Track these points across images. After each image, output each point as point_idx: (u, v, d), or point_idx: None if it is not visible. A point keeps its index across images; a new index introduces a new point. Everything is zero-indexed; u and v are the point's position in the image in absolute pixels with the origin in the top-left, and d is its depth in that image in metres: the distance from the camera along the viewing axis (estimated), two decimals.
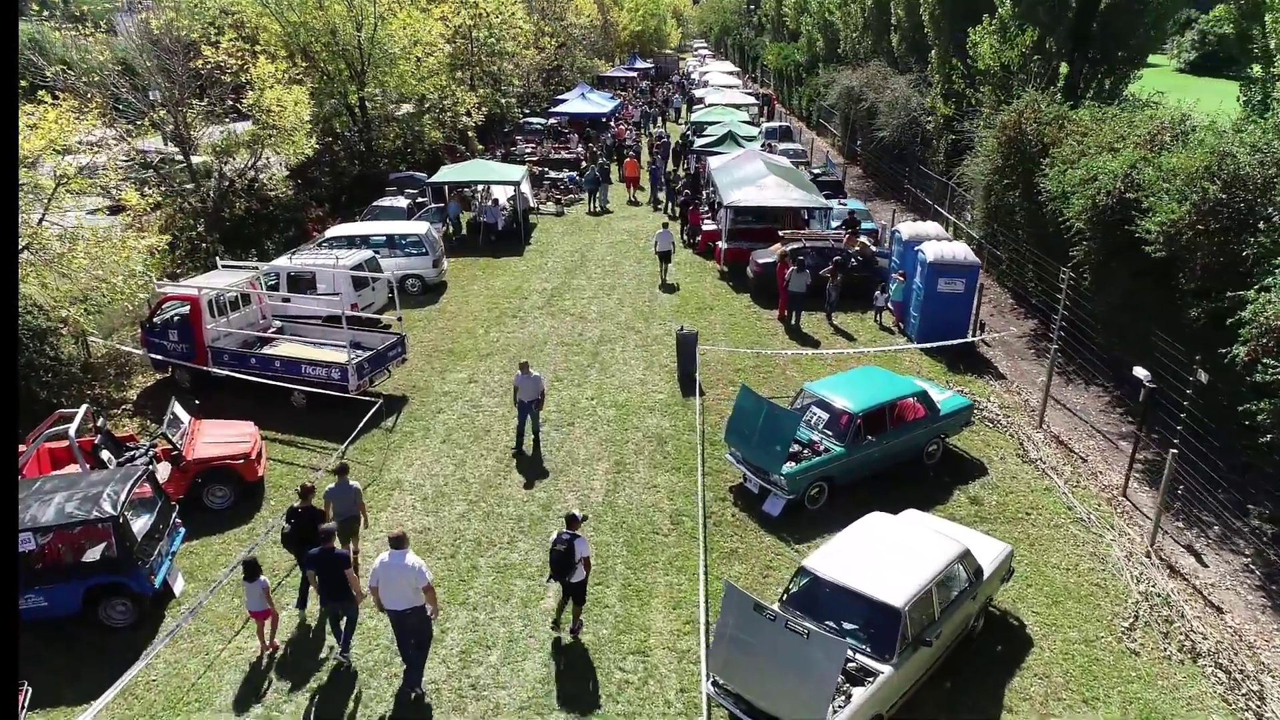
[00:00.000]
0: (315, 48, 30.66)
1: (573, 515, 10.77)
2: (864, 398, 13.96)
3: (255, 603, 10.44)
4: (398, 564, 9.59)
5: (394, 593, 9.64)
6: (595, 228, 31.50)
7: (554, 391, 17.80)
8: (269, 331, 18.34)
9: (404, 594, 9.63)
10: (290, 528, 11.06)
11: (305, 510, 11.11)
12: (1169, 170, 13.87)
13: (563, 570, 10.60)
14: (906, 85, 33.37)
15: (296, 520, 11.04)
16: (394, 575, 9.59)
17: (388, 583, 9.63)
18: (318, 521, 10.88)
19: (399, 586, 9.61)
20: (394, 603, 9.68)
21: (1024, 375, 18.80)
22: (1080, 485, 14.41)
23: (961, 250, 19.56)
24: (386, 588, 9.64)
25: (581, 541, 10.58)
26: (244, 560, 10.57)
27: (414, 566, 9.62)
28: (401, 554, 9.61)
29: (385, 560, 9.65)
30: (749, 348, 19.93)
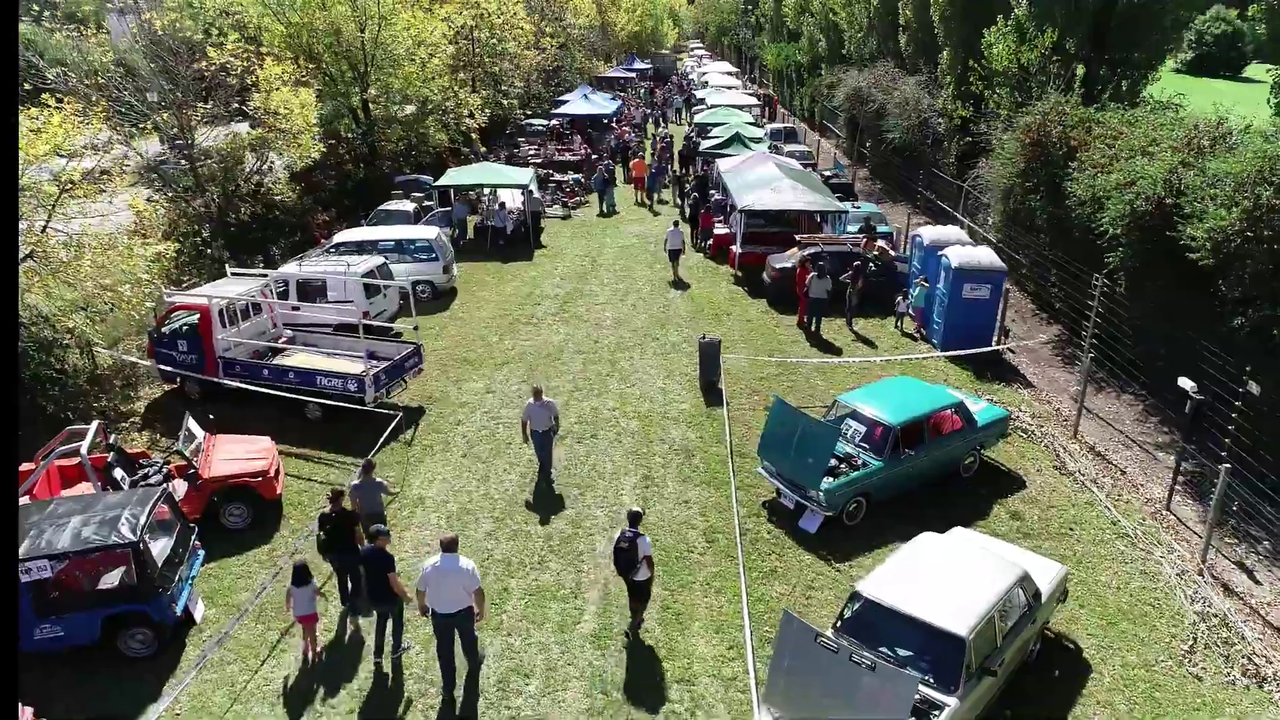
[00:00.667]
0: (318, 49, 30.15)
1: (635, 512, 10.80)
2: (901, 410, 13.56)
3: (304, 607, 10.39)
4: (450, 567, 9.66)
5: (445, 595, 9.70)
6: (604, 231, 31.05)
7: (574, 402, 17.37)
8: (280, 341, 17.85)
9: (456, 596, 9.72)
10: (326, 535, 11.01)
11: (337, 514, 11.03)
12: (1215, 175, 13.51)
13: (627, 568, 10.64)
14: (916, 86, 32.99)
15: (331, 526, 10.98)
16: (446, 578, 9.66)
17: (439, 586, 9.68)
18: (351, 525, 11.03)
19: (451, 589, 9.69)
20: (444, 605, 9.73)
21: (1053, 383, 18.43)
22: (1122, 499, 14.03)
23: (987, 256, 19.20)
24: (437, 591, 9.69)
25: (644, 540, 10.60)
26: (295, 565, 10.46)
27: (467, 569, 9.75)
28: (454, 557, 9.71)
29: (437, 564, 9.69)
30: (770, 355, 19.51)
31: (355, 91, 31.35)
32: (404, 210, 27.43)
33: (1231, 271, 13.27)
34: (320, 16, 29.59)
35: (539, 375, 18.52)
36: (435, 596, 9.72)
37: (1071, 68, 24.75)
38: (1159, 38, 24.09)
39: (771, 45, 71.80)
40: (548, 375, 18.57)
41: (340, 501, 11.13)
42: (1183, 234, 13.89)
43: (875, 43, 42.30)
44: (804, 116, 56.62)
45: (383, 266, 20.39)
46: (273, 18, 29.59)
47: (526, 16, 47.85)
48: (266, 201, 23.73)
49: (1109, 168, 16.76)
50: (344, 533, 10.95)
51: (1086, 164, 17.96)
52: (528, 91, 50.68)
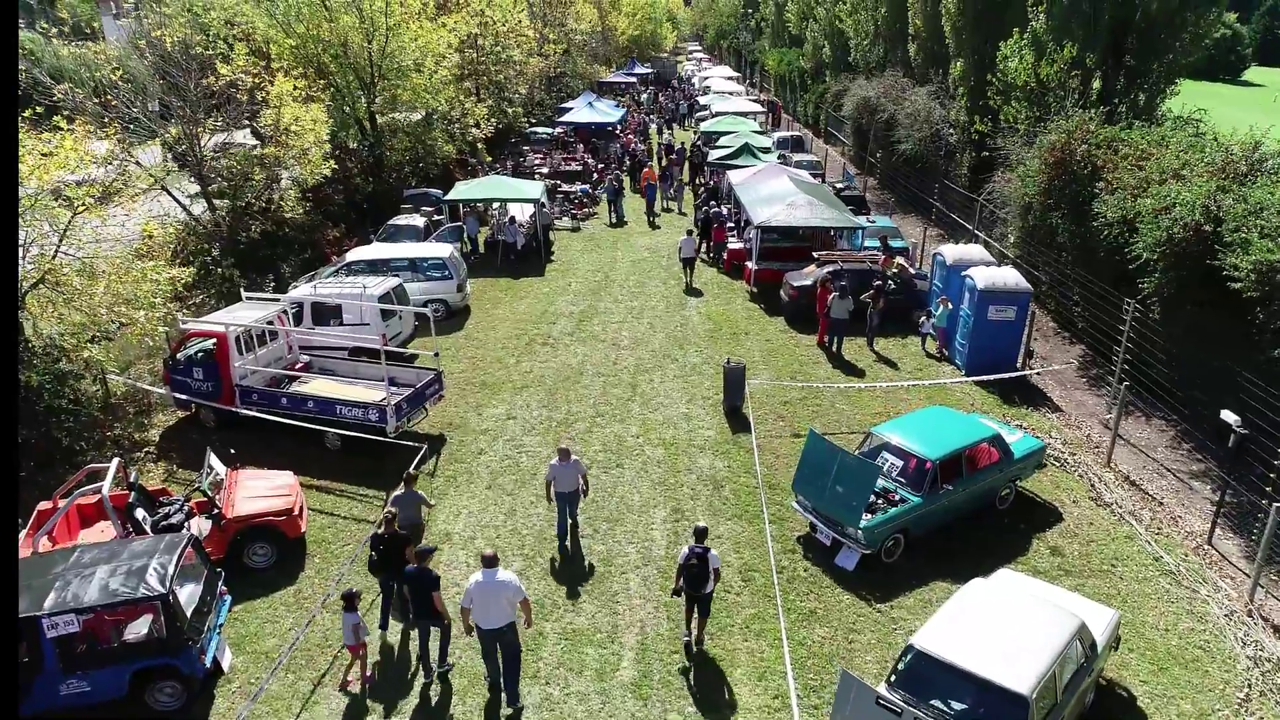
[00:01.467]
0: (325, 60, 29.79)
1: (701, 528, 10.99)
2: (939, 443, 13.28)
3: (350, 636, 10.46)
4: (492, 582, 9.81)
5: (491, 611, 9.84)
6: (614, 244, 30.76)
7: (596, 428, 17.08)
8: (297, 367, 17.51)
9: (501, 611, 9.87)
10: (378, 555, 11.11)
11: (390, 536, 11.12)
12: (1259, 204, 13.27)
13: (698, 585, 10.78)
14: (928, 97, 32.77)
15: (384, 547, 11.07)
16: (491, 593, 9.79)
17: (484, 602, 9.81)
18: (402, 546, 11.06)
19: (496, 604, 9.83)
20: (491, 621, 9.87)
21: (1081, 406, 18.19)
22: (1162, 532, 13.78)
23: (1013, 277, 18.94)
24: (483, 607, 9.82)
25: (713, 554, 10.80)
26: (344, 594, 10.58)
27: (510, 583, 9.91)
28: (494, 572, 9.85)
29: (480, 580, 9.83)
30: (792, 378, 19.25)
31: (362, 102, 31.02)
32: (414, 225, 27.09)
33: (1274, 302, 13.01)
34: (327, 28, 29.25)
35: (561, 399, 18.26)
36: (481, 613, 9.87)
37: (1089, 82, 24.57)
38: (1178, 50, 23.87)
39: (773, 50, 71.60)
40: (568, 399, 18.28)
41: (393, 523, 11.26)
42: (1224, 263, 13.65)
43: (882, 51, 42.11)
44: (808, 123, 56.42)
45: (399, 288, 20.04)
46: (280, 29, 29.24)
47: (530, 23, 47.54)
48: (276, 218, 23.33)
49: (1141, 190, 16.50)
50: (396, 553, 11.03)
51: (1115, 185, 17.72)
52: (531, 99, 50.36)
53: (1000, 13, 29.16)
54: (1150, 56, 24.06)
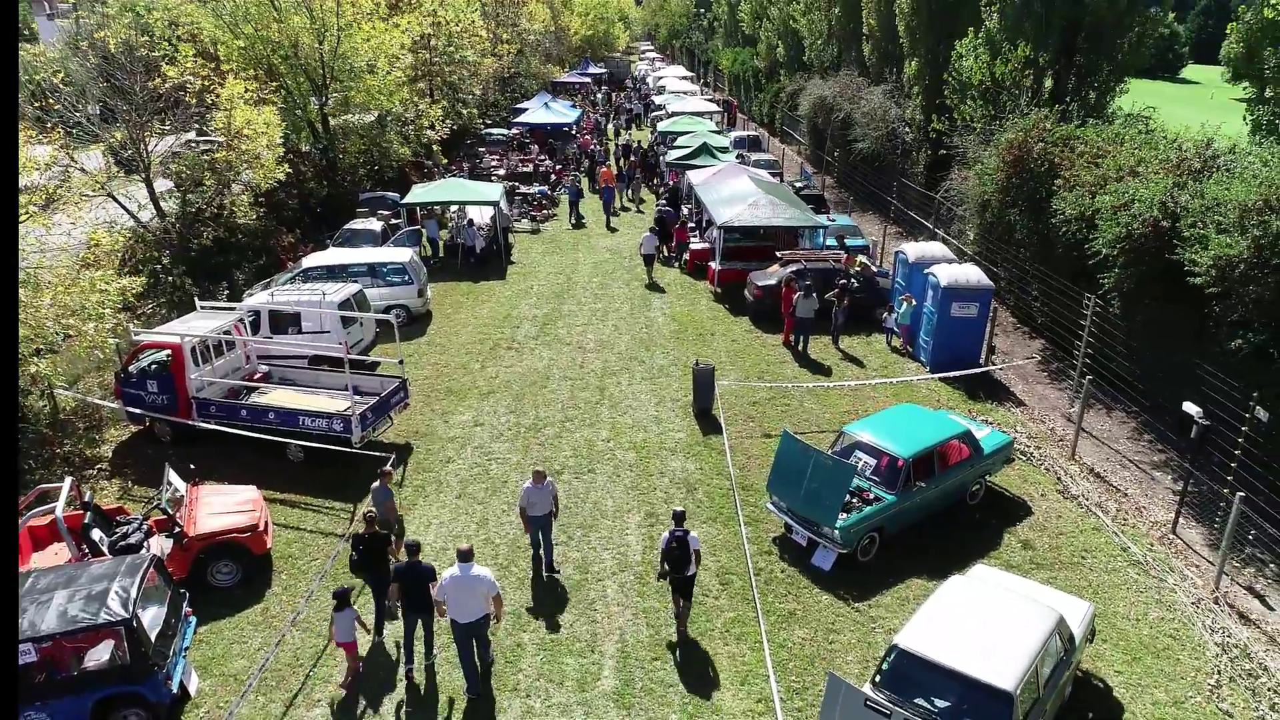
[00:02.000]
0: (275, 61, 29.11)
1: (679, 511, 11.31)
2: (911, 441, 13.36)
3: (345, 634, 10.49)
4: (467, 576, 10.05)
5: (466, 604, 10.09)
6: (575, 246, 30.55)
7: (566, 433, 16.89)
8: (255, 377, 17.03)
9: (475, 604, 10.13)
10: (358, 555, 11.22)
11: (371, 536, 11.24)
12: (1215, 200, 13.57)
13: (680, 567, 11.08)
14: (883, 96, 33.11)
15: (364, 546, 11.18)
16: (465, 587, 10.05)
17: (459, 595, 10.07)
18: (384, 546, 11.26)
19: (470, 597, 10.08)
20: (465, 614, 10.12)
21: (1043, 400, 18.47)
22: (1128, 523, 14.03)
23: (975, 274, 19.18)
24: (457, 600, 10.08)
25: (693, 536, 11.14)
26: (335, 592, 10.61)
27: (484, 577, 10.16)
28: (469, 566, 10.09)
29: (455, 574, 10.08)
30: (760, 378, 19.25)
31: (314, 104, 30.38)
32: (371, 229, 26.58)
33: (1232, 295, 13.32)
34: (276, 28, 28.58)
35: (528, 404, 18.03)
36: (455, 606, 10.12)
37: (1041, 80, 25.02)
38: (1125, 50, 24.40)
39: (727, 49, 71.92)
40: (536, 404, 18.06)
41: (374, 523, 11.41)
42: (1183, 257, 13.93)
43: (836, 50, 42.51)
44: (763, 122, 56.73)
45: (359, 294, 19.61)
46: (227, 30, 28.48)
47: (483, 23, 47.07)
48: (228, 224, 22.71)
49: (1099, 187, 16.80)
50: (378, 553, 11.19)
51: (1073, 182, 18.02)
52: (485, 99, 49.87)
53: (953, 13, 29.58)
54: (1099, 56, 24.58)
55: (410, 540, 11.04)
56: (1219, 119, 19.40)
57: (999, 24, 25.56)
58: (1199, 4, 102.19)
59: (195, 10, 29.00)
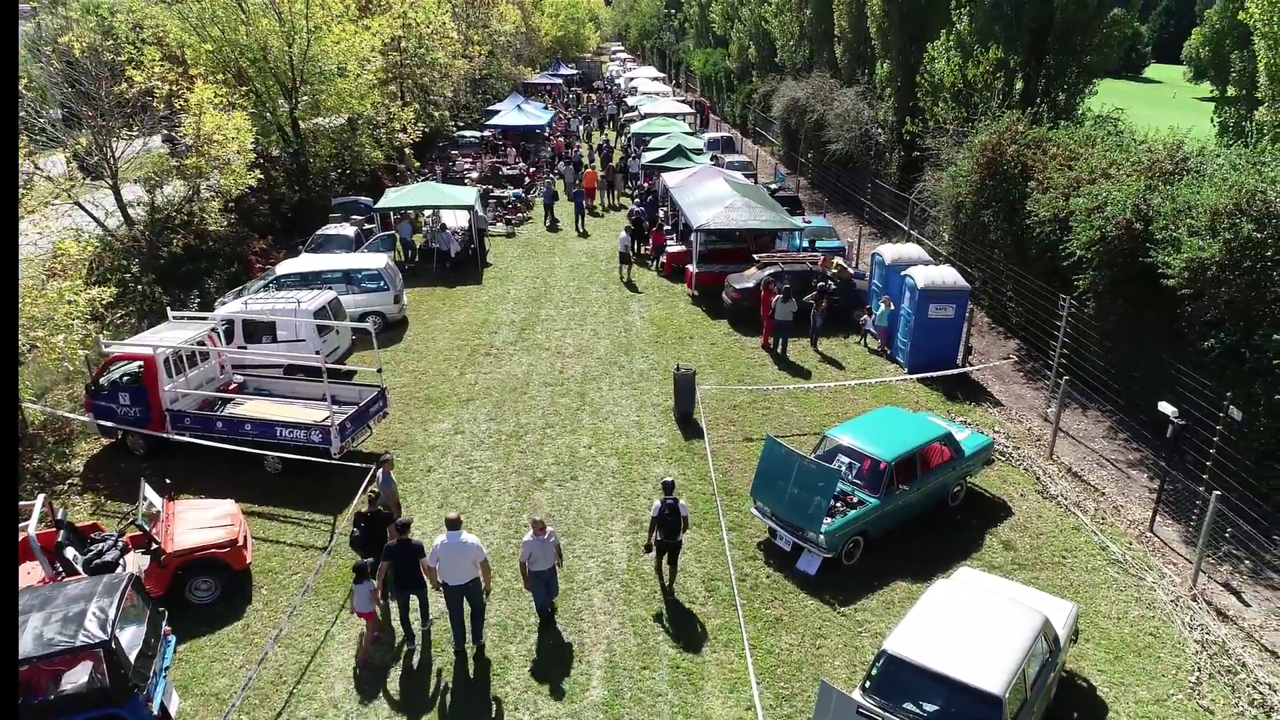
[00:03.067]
0: (243, 64, 28.69)
1: (669, 481, 12.20)
2: (893, 444, 13.43)
3: (364, 604, 10.93)
4: (456, 542, 10.70)
5: (455, 569, 10.73)
6: (551, 249, 30.44)
7: (548, 440, 16.81)
8: (230, 388, 16.76)
9: (464, 568, 10.75)
10: (359, 531, 11.75)
11: (373, 515, 11.82)
12: (1187, 203, 13.79)
13: (673, 532, 12.00)
14: (856, 98, 33.33)
15: (366, 524, 11.72)
16: (455, 553, 10.68)
17: (449, 560, 10.69)
18: (385, 525, 11.73)
19: (459, 562, 10.71)
20: (456, 578, 10.77)
21: (1020, 400, 18.67)
22: (1106, 522, 14.21)
23: (951, 275, 19.34)
24: (448, 565, 10.70)
25: (683, 504, 12.08)
26: (355, 565, 11.06)
27: (472, 543, 10.80)
28: (458, 533, 10.74)
29: (445, 541, 10.72)
30: (740, 381, 19.28)
31: (283, 108, 29.99)
32: (344, 235, 26.30)
33: (1204, 297, 13.53)
34: (244, 31, 28.17)
35: (509, 411, 17.92)
36: (447, 571, 10.73)
37: (1012, 82, 25.31)
38: (1094, 52, 24.74)
39: (698, 50, 72.07)
40: (516, 411, 17.96)
41: (377, 503, 12.01)
42: (1156, 260, 14.14)
43: (808, 52, 42.74)
44: (735, 123, 56.90)
45: (334, 302, 19.38)
46: (193, 33, 28.02)
47: (454, 25, 46.74)
48: (199, 231, 22.34)
49: (1073, 190, 17.00)
50: (378, 531, 11.63)
51: (1047, 184, 18.24)
52: (457, 101, 49.54)
53: (924, 15, 29.87)
54: (1069, 58, 24.90)
55: (400, 519, 11.52)
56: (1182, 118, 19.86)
57: (969, 26, 25.85)
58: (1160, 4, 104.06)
59: (161, 13, 28.47)
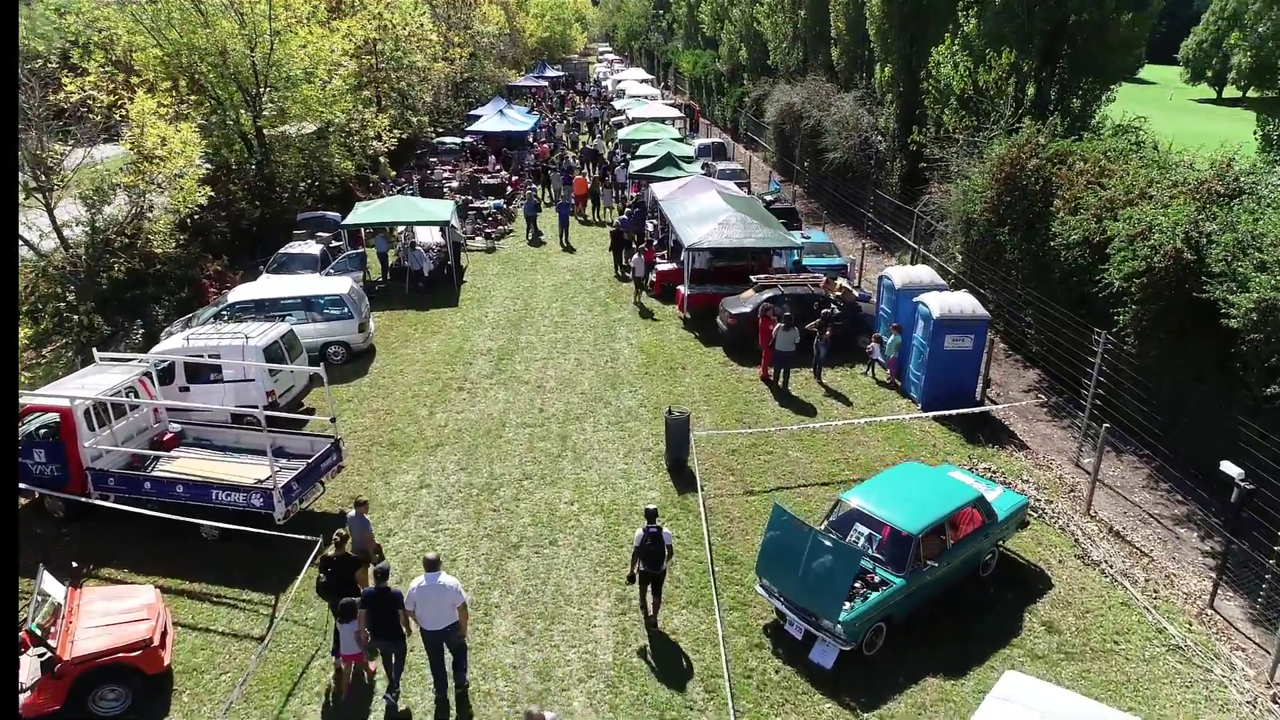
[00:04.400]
0: (203, 69, 26.75)
1: (651, 509, 11.53)
2: (919, 512, 11.66)
3: (350, 645, 10.18)
4: (435, 584, 9.94)
5: (434, 612, 9.97)
6: (533, 265, 28.58)
7: (525, 495, 14.97)
8: (166, 439, 14.84)
9: (443, 613, 10.00)
10: (326, 577, 10.86)
11: (340, 559, 10.96)
12: (1251, 234, 12.08)
13: (656, 563, 11.36)
14: (854, 103, 31.62)
15: (333, 568, 10.85)
16: (433, 596, 9.92)
17: (426, 604, 9.95)
18: (353, 568, 10.97)
19: (438, 606, 9.95)
20: (434, 623, 10.01)
21: (1047, 441, 16.95)
22: (1160, 596, 12.47)
23: (969, 303, 17.60)
24: (425, 609, 9.97)
25: (667, 533, 11.42)
26: (341, 604, 10.17)
27: (451, 586, 10.04)
28: (436, 575, 9.99)
29: (423, 583, 9.98)
30: (738, 421, 17.50)
31: (246, 116, 28.05)
32: (309, 254, 24.39)
33: (1271, 340, 11.82)
34: (202, 34, 26.22)
35: (482, 459, 16.08)
36: (424, 615, 10.00)
37: (1024, 88, 23.63)
38: (1113, 55, 23.11)
39: (687, 52, 70.34)
40: (490, 458, 16.12)
41: (344, 545, 11.09)
42: (1213, 296, 12.43)
43: (802, 54, 41.04)
44: (726, 127, 55.18)
45: (288, 335, 17.46)
46: (146, 36, 26.07)
47: (433, 26, 44.82)
48: (144, 253, 20.38)
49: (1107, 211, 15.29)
50: (346, 576, 10.84)
51: (1075, 204, 16.54)
52: (437, 105, 47.62)
53: (926, 16, 28.21)
54: (1085, 62, 23.23)
55: (380, 565, 10.43)
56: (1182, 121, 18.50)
57: (977, 28, 24.17)
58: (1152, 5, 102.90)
59: (114, 15, 26.48)
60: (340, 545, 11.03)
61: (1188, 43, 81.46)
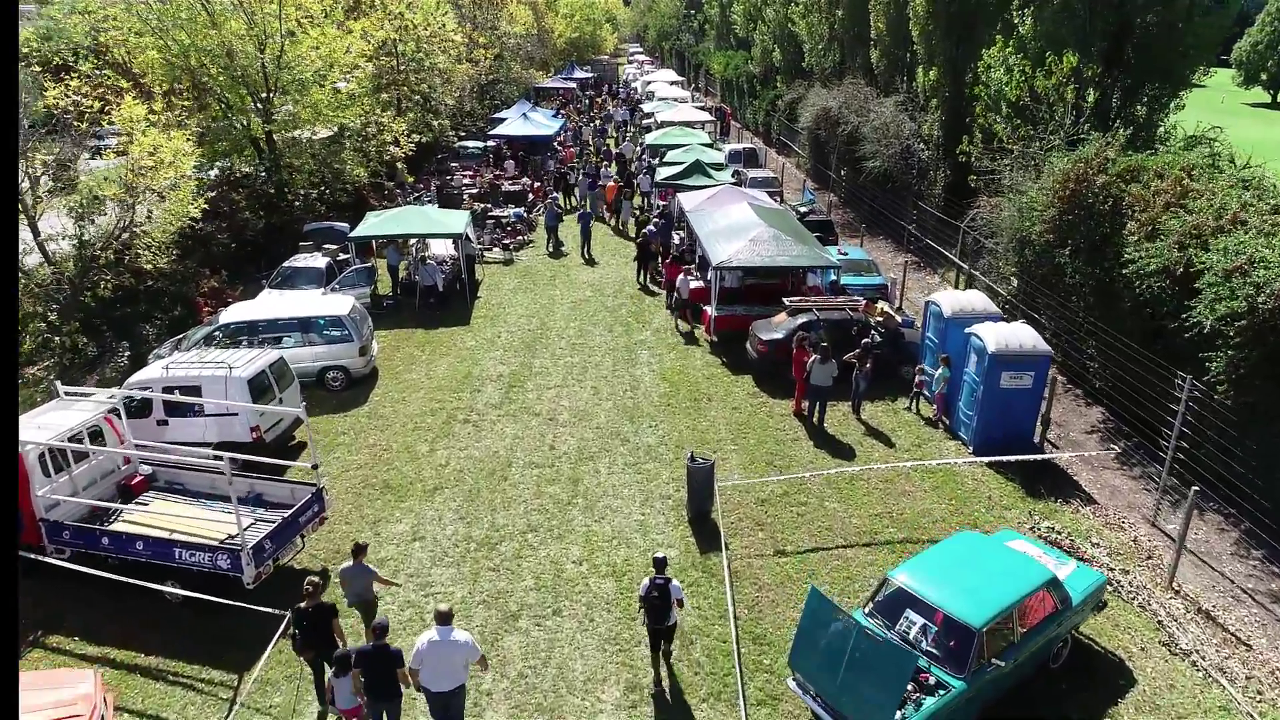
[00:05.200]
0: (212, 71, 25.53)
1: (660, 558, 10.45)
2: (983, 599, 9.90)
3: (346, 700, 9.26)
4: (447, 640, 8.98)
5: (443, 671, 9.04)
6: (552, 279, 27.05)
7: (529, 551, 13.39)
8: (135, 483, 13.45)
9: (454, 672, 9.08)
10: (301, 631, 9.87)
11: (314, 609, 9.86)
12: None
13: (661, 617, 10.33)
14: (895, 108, 29.70)
15: (308, 622, 9.85)
16: (444, 653, 8.98)
17: (436, 662, 8.99)
18: (330, 618, 9.98)
19: (449, 665, 9.02)
20: (441, 683, 9.06)
21: (1116, 494, 15.07)
22: (1264, 698, 10.62)
23: (1029, 337, 15.75)
24: (434, 667, 9.01)
25: (675, 585, 10.34)
26: (336, 656, 9.24)
27: (466, 643, 9.06)
28: (449, 630, 9.05)
29: (434, 639, 9.00)
30: (769, 464, 15.81)
31: (257, 121, 26.81)
32: (314, 267, 23.05)
33: None
34: (210, 35, 25.00)
35: (483, 506, 14.54)
36: (431, 675, 9.02)
37: (1083, 95, 21.65)
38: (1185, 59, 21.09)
39: (719, 53, 68.55)
40: (492, 506, 14.58)
41: (319, 594, 9.94)
42: None
43: (839, 55, 39.16)
44: (758, 130, 53.34)
45: (278, 364, 16.04)
46: (154, 37, 24.89)
47: (458, 27, 43.48)
48: (134, 269, 19.11)
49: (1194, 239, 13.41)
50: (322, 627, 9.89)
51: (1153, 228, 14.65)
52: (461, 109, 46.30)
53: (975, 16, 26.30)
54: (1150, 67, 21.21)
55: (380, 620, 9.47)
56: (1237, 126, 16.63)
57: (1033, 28, 22.22)
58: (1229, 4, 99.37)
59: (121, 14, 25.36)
60: (313, 594, 9.90)
61: (1241, 44, 78.10)
